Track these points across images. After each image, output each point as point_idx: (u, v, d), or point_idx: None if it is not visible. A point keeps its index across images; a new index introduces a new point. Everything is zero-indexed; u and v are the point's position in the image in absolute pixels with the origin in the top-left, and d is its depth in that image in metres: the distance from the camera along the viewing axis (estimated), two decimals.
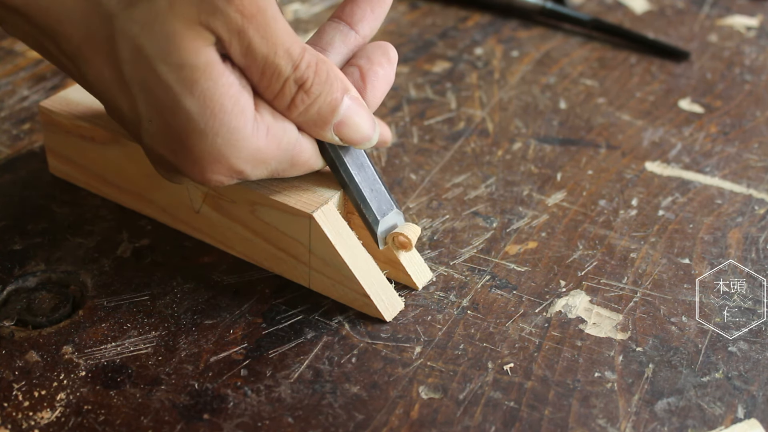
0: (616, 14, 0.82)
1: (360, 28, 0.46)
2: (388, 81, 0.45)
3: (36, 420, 0.40)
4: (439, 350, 0.44)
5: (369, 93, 0.44)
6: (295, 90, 0.40)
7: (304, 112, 0.41)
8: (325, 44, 0.45)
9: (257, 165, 0.41)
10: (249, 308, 0.46)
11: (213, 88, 0.38)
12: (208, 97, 0.38)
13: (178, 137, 0.39)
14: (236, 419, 0.40)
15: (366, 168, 0.45)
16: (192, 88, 0.38)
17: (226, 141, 0.39)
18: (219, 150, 0.39)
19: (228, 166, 0.40)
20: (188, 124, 0.39)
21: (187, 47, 0.37)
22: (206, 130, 0.39)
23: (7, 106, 0.62)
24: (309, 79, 0.40)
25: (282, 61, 0.39)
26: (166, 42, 0.37)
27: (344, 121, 0.42)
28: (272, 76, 0.39)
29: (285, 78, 0.39)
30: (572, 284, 0.49)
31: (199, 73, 0.38)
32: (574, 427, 0.40)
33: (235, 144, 0.39)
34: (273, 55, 0.39)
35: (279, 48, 0.39)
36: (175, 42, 0.37)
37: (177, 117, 0.39)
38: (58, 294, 0.46)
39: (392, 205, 0.46)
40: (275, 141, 0.41)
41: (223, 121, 0.39)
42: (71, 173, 0.54)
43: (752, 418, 0.41)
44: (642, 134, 0.63)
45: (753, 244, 0.52)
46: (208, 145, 0.39)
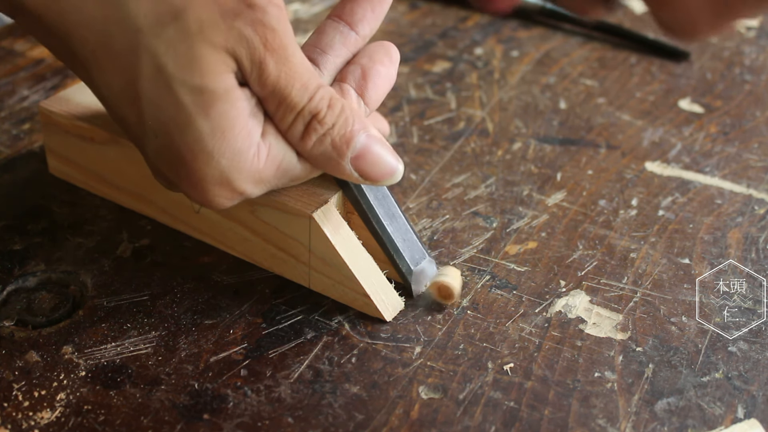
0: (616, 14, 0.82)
1: (360, 29, 0.46)
2: (389, 80, 0.45)
3: (36, 420, 0.40)
4: (439, 350, 0.44)
5: (371, 91, 0.44)
6: (309, 119, 0.40)
7: (318, 143, 0.41)
8: (325, 46, 0.45)
9: (257, 185, 0.41)
10: (249, 308, 0.46)
11: (229, 111, 0.39)
12: (223, 120, 0.39)
13: (182, 156, 0.40)
14: (236, 419, 0.40)
15: (397, 218, 0.46)
16: (208, 111, 0.39)
17: (230, 163, 0.40)
18: (222, 171, 0.40)
19: (230, 187, 0.41)
20: (196, 145, 0.39)
21: (210, 71, 0.38)
22: (213, 152, 0.39)
23: (7, 106, 0.62)
24: (322, 110, 0.40)
25: (297, 94, 0.40)
26: (190, 64, 0.38)
27: (362, 155, 0.41)
28: (287, 108, 0.40)
29: (299, 110, 0.40)
30: (572, 284, 0.49)
31: (217, 97, 0.39)
32: (574, 427, 0.40)
33: (238, 166, 0.40)
34: (290, 88, 0.40)
35: (296, 82, 0.40)
36: (200, 65, 0.38)
37: (186, 136, 0.39)
38: (58, 294, 0.46)
39: (425, 254, 0.46)
40: (274, 162, 0.41)
41: (231, 143, 0.39)
42: (71, 173, 0.54)
43: (752, 418, 0.41)
44: (642, 134, 0.63)
45: (753, 244, 0.52)
46: (213, 167, 0.40)
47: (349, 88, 0.44)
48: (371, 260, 0.45)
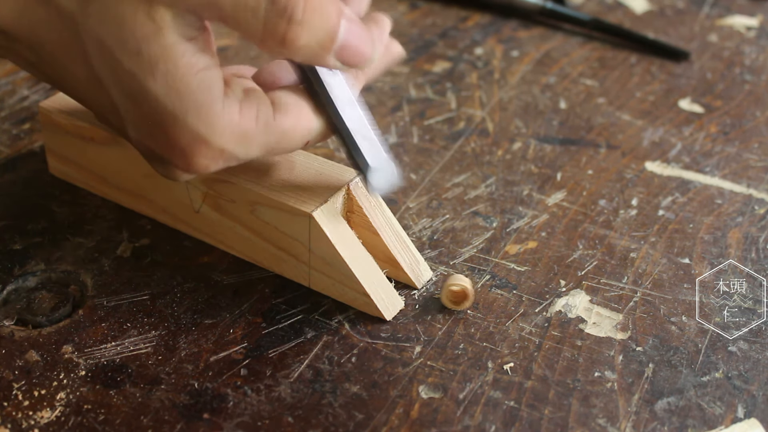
0: (616, 14, 0.82)
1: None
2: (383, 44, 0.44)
3: (36, 419, 0.40)
4: (439, 350, 0.44)
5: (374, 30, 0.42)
6: (285, 24, 0.37)
7: (303, 46, 0.38)
8: None
9: (241, 142, 0.39)
10: (249, 308, 0.46)
11: (174, 69, 0.37)
12: (170, 79, 0.37)
13: (154, 122, 0.39)
14: (236, 419, 0.40)
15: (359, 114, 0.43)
16: (153, 72, 0.37)
17: (197, 119, 0.38)
18: (191, 129, 0.38)
19: (207, 145, 0.39)
20: (158, 107, 0.38)
21: (139, 33, 0.37)
22: (175, 111, 0.38)
23: (7, 106, 0.62)
24: (297, 9, 0.37)
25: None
26: (120, 30, 0.37)
27: (345, 45, 0.39)
28: (248, 16, 0.37)
29: (263, 12, 0.37)
30: (572, 284, 0.49)
31: (158, 57, 0.37)
32: (574, 426, 0.40)
33: (208, 120, 0.38)
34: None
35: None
36: (128, 29, 0.37)
37: (147, 102, 0.38)
38: (58, 294, 0.46)
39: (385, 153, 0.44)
40: (251, 113, 0.39)
41: (190, 99, 0.38)
42: (71, 173, 0.54)
43: (752, 417, 0.41)
44: (642, 134, 0.63)
45: (753, 244, 0.52)
46: (180, 126, 0.38)
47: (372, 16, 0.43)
48: (371, 259, 0.45)
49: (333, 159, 0.58)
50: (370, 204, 0.46)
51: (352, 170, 0.47)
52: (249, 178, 0.46)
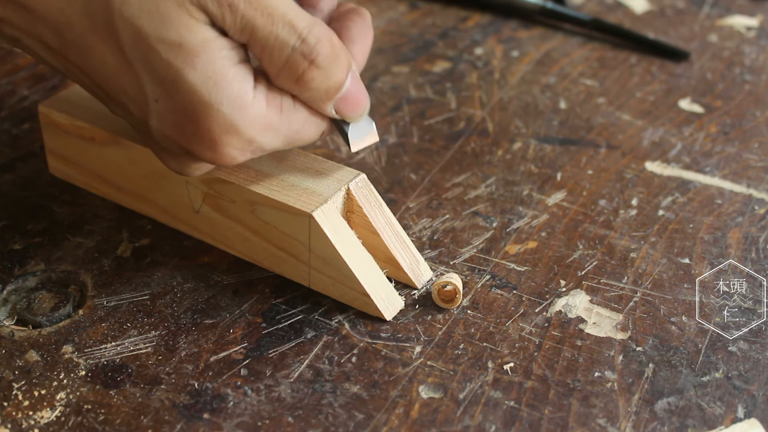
0: (616, 14, 0.82)
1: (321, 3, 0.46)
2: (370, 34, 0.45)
3: (36, 419, 0.40)
4: (439, 350, 0.44)
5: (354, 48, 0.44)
6: (306, 65, 0.39)
7: (313, 89, 0.40)
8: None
9: (266, 131, 0.41)
10: (249, 308, 0.46)
11: (213, 60, 0.39)
12: (210, 69, 0.39)
13: (185, 112, 0.40)
14: (236, 419, 0.40)
15: None
16: (193, 62, 0.38)
17: (231, 108, 0.39)
18: (225, 118, 0.39)
19: (238, 135, 0.40)
20: (193, 96, 0.39)
21: (182, 25, 0.38)
22: (211, 101, 0.39)
23: (7, 106, 0.62)
24: (321, 54, 0.39)
25: (283, 32, 0.39)
26: (161, 21, 0.38)
27: (345, 98, 0.41)
28: (274, 48, 0.39)
29: (289, 50, 0.39)
30: (572, 284, 0.49)
31: (198, 49, 0.38)
32: (574, 426, 0.40)
33: (240, 110, 0.39)
34: (271, 26, 0.38)
35: (277, 19, 0.38)
36: (170, 21, 0.38)
37: (181, 91, 0.39)
38: (58, 294, 0.46)
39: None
40: (276, 106, 0.41)
41: (226, 89, 0.39)
42: (71, 173, 0.54)
43: (752, 417, 0.41)
44: (642, 134, 0.63)
45: (753, 244, 0.52)
46: (215, 115, 0.39)
47: None
48: (371, 259, 0.45)
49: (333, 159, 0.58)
50: (370, 204, 0.46)
51: (352, 170, 0.47)
52: (249, 178, 0.46)
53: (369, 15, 0.46)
